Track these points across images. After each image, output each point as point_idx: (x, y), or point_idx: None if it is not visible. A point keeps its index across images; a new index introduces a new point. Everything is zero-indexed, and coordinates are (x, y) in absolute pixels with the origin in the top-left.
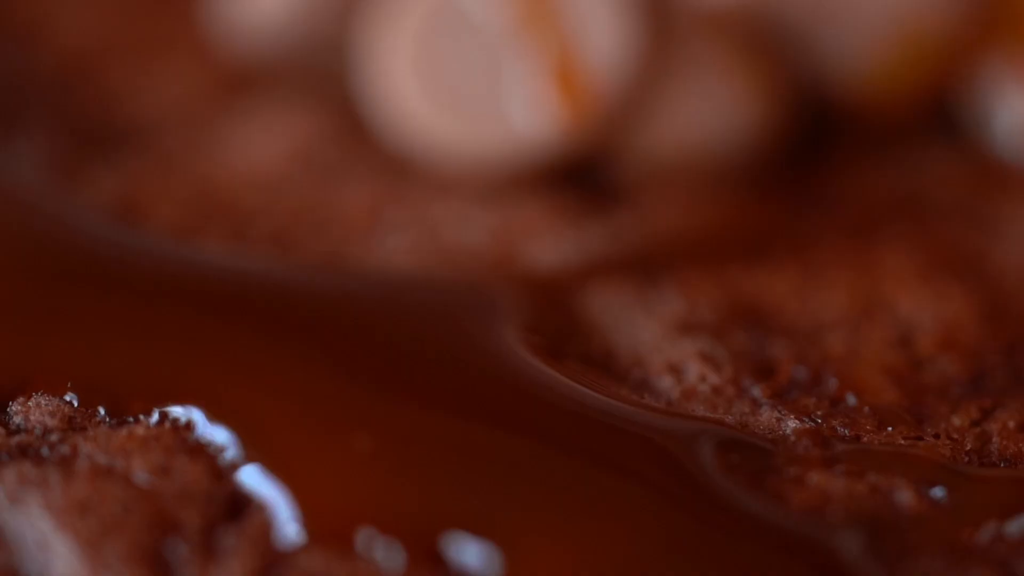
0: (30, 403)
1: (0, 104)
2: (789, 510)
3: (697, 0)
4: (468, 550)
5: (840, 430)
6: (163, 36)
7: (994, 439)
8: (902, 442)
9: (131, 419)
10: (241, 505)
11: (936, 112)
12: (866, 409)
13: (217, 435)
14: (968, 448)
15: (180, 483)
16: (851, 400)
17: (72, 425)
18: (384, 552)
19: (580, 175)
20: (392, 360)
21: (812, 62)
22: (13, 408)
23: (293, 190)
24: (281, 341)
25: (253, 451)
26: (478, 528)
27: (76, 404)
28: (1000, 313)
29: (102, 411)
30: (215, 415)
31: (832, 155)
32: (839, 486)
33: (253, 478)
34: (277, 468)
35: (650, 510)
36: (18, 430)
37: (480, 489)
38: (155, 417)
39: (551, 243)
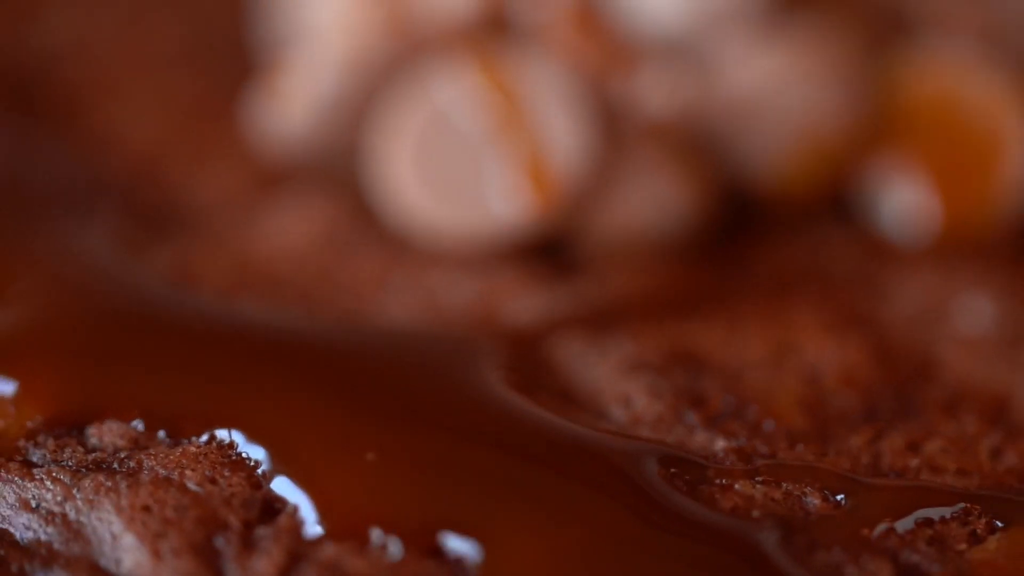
0: (103, 427)
1: (81, 194)
2: (719, 512)
3: (641, 111)
4: (457, 545)
5: (760, 448)
6: (212, 141)
7: (885, 455)
8: (810, 458)
9: (185, 440)
10: (273, 508)
11: (834, 199)
12: (781, 432)
13: (254, 452)
14: (864, 462)
15: (224, 490)
16: (769, 425)
17: (137, 444)
18: (388, 546)
19: (548, 249)
20: (394, 394)
21: (735, 162)
22: (89, 431)
23: (315, 261)
24: (305, 379)
25: (283, 465)
26: (465, 527)
27: (141, 428)
28: (888, 358)
29: (162, 433)
30: (252, 436)
31: (751, 233)
32: (759, 493)
33: (283, 487)
34: (302, 478)
35: (605, 512)
36: (94, 449)
37: (466, 496)
38: (204, 438)
39: (525, 303)
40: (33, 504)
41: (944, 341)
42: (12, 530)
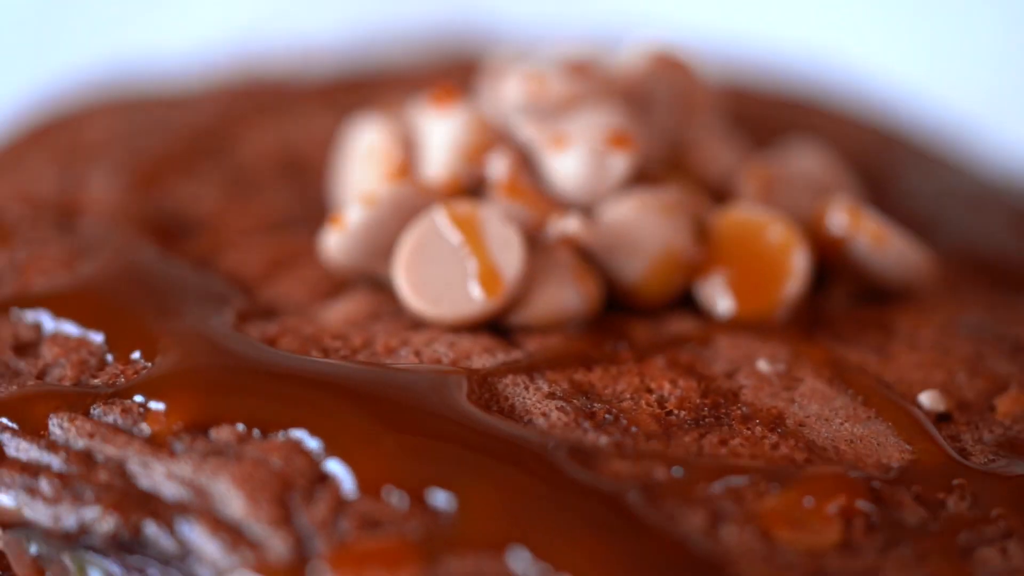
0: (220, 429)
1: (209, 298)
2: (601, 478)
3: (555, 238)
4: (439, 496)
5: (627, 443)
6: (299, 265)
7: (705, 448)
8: (659, 448)
9: (272, 436)
10: (326, 476)
11: (685, 295)
12: (641, 434)
13: (314, 444)
14: (692, 452)
15: (295, 466)
16: (634, 429)
17: (241, 439)
18: (397, 499)
19: (498, 324)
20: (401, 406)
21: (615, 269)
22: (212, 432)
23: (357, 333)
24: (346, 398)
25: (331, 450)
26: (444, 484)
27: (242, 429)
28: (709, 391)
29: (256, 432)
30: (313, 433)
31: (626, 316)
32: (626, 467)
33: (331, 464)
34: (343, 458)
35: (533, 477)
36: (215, 442)
37: (445, 466)
38: (283, 435)
39: (484, 357)
40: (176, 475)
41: (744, 381)
42: (163, 493)
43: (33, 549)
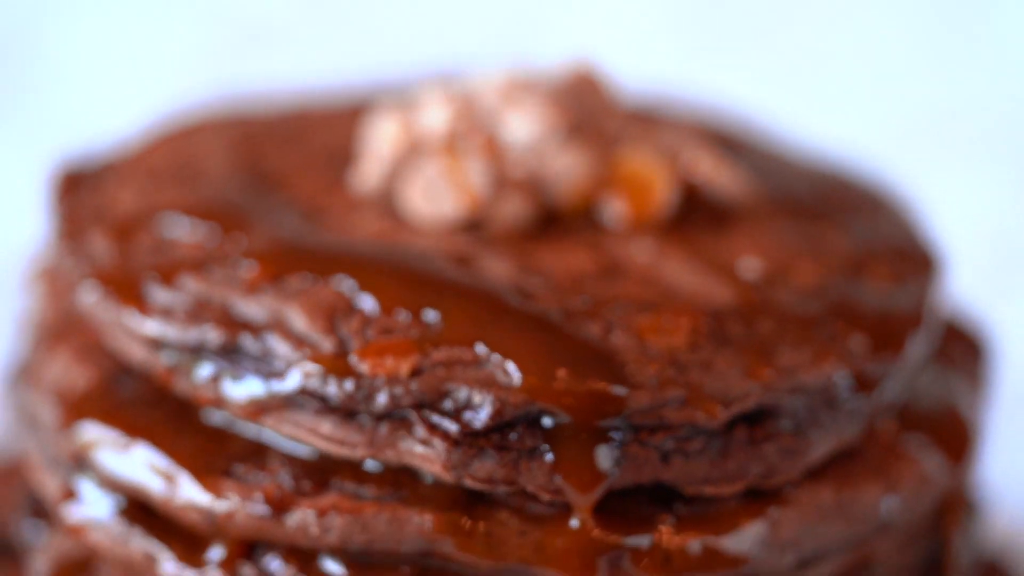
0: (291, 278)
1: (279, 210)
2: (536, 304)
3: (512, 174)
4: (430, 314)
5: (551, 285)
6: (343, 190)
7: (602, 289)
8: (570, 287)
9: (323, 281)
10: (357, 305)
11: (592, 207)
12: (561, 281)
13: (350, 284)
14: (594, 290)
15: (338, 298)
16: (554, 279)
17: (303, 284)
18: (404, 316)
19: (472, 224)
20: (404, 262)
21: (551, 191)
22: (285, 280)
23: (376, 230)
24: (370, 257)
25: (362, 288)
26: (434, 306)
27: (304, 278)
28: (607, 261)
29: (313, 279)
30: (350, 278)
31: (557, 222)
32: (551, 299)
33: (362, 297)
34: (370, 292)
35: (487, 304)
36: (286, 287)
37: (434, 296)
38: (331, 281)
39: (458, 238)
40: (262, 306)
41: (628, 255)
42: (253, 317)
43: (165, 359)
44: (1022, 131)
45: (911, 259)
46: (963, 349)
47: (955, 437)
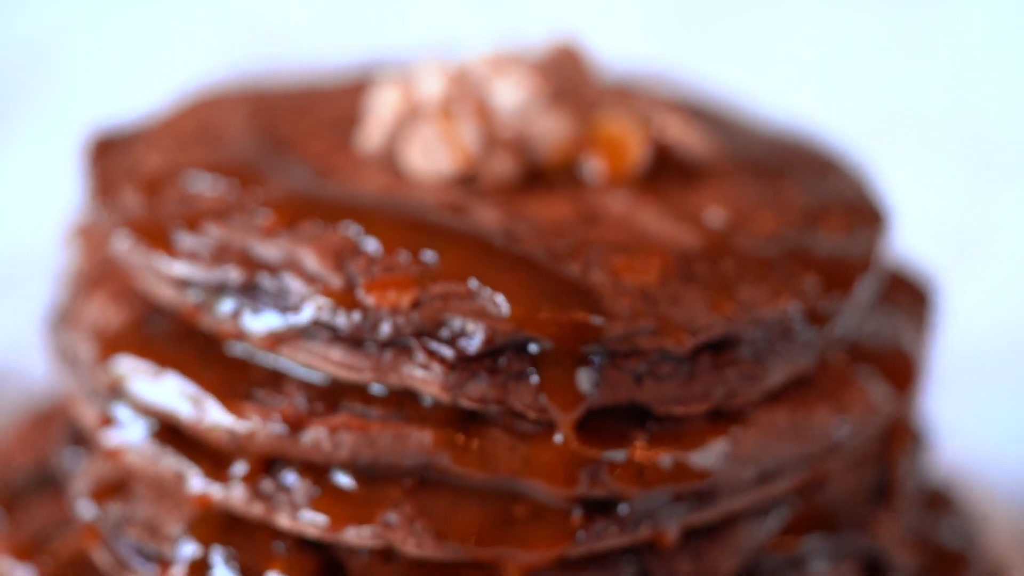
0: (304, 224)
1: (291, 167)
2: (523, 246)
3: (501, 134)
4: (428, 254)
5: (536, 231)
6: (349, 151)
7: (582, 233)
8: (552, 231)
9: (332, 226)
10: (362, 246)
11: (573, 166)
12: (544, 227)
13: (356, 229)
14: (575, 235)
15: (346, 241)
16: (539, 227)
17: (315, 229)
18: (404, 256)
19: (466, 179)
20: (405, 208)
21: (536, 149)
22: (298, 225)
23: (378, 184)
24: (374, 205)
25: (367, 231)
26: (431, 247)
27: (315, 223)
28: (586, 210)
29: (323, 224)
30: (357, 223)
31: (540, 177)
32: (536, 242)
33: (367, 239)
34: (374, 235)
35: (479, 245)
36: (300, 231)
37: (431, 237)
38: (339, 226)
39: (454, 193)
40: (279, 248)
41: (605, 204)
42: (270, 258)
43: (191, 297)
44: (969, 128)
45: (861, 212)
46: (910, 296)
47: (900, 370)
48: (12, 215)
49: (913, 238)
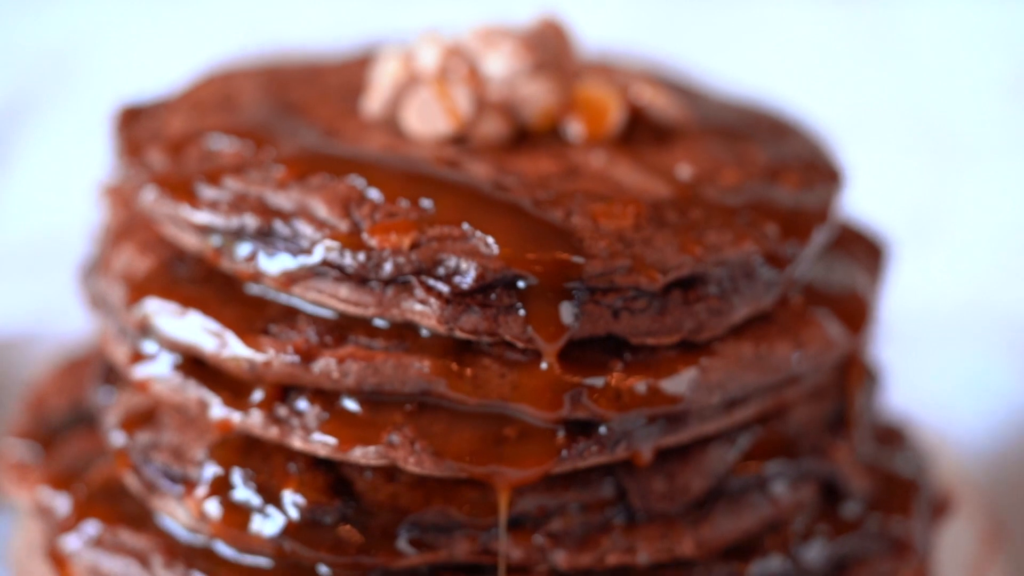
0: (313, 177)
1: (300, 130)
2: (510, 194)
3: (489, 96)
4: (425, 201)
5: (523, 182)
6: (354, 116)
7: (565, 184)
8: (533, 183)
9: (339, 179)
10: (367, 195)
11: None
12: (530, 178)
13: (361, 181)
14: (558, 185)
15: (351, 191)
16: (526, 179)
17: (323, 181)
18: (405, 203)
19: (459, 138)
20: (403, 163)
21: (524, 111)
22: (308, 179)
23: (380, 143)
24: (375, 160)
25: (370, 183)
26: (428, 196)
27: (323, 176)
28: (568, 165)
29: (330, 177)
30: (360, 176)
31: (528, 137)
32: (522, 191)
33: (370, 189)
34: (377, 186)
35: (471, 193)
36: (309, 183)
37: (428, 187)
38: (345, 179)
39: (450, 150)
40: (291, 198)
41: (579, 161)
42: (283, 207)
43: (212, 242)
44: (928, 122)
45: (818, 170)
46: (866, 250)
47: (854, 313)
48: (42, 199)
49: (878, 214)
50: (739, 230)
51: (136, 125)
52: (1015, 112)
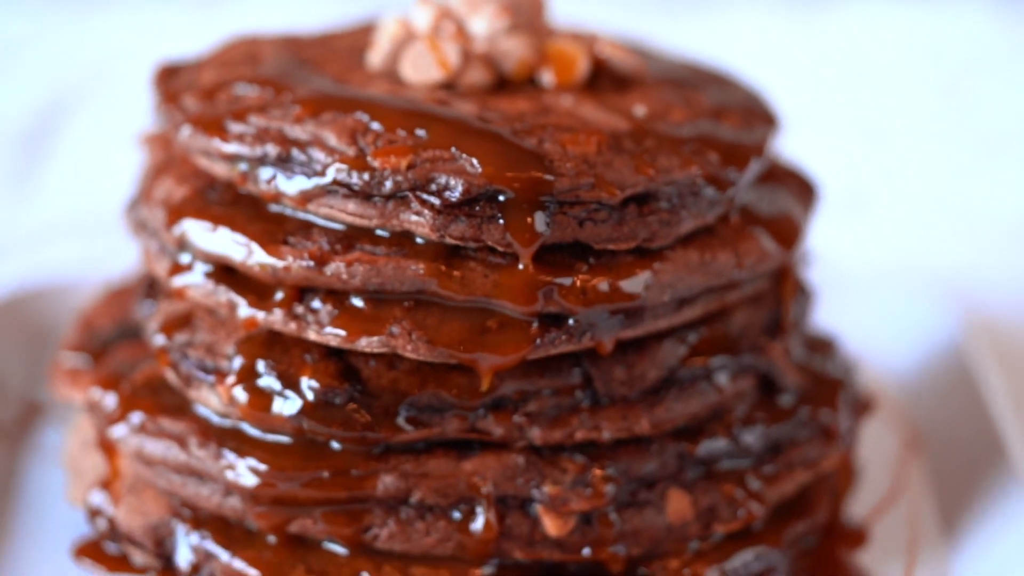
0: (325, 114)
1: (312, 81)
2: (493, 125)
3: (477, 48)
4: (420, 132)
5: (504, 118)
6: (359, 65)
7: (538, 117)
8: (513, 117)
9: (346, 115)
10: (370, 125)
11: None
12: (509, 113)
13: (366, 116)
14: (533, 118)
15: (357, 124)
16: (507, 113)
17: (333, 116)
18: (403, 133)
19: (447, 83)
20: (402, 102)
21: (503, 62)
22: (321, 115)
23: (384, 88)
24: (377, 100)
25: (372, 118)
26: (422, 127)
27: (333, 113)
28: (542, 104)
29: (340, 114)
30: (364, 112)
31: (510, 84)
32: (503, 124)
33: (372, 122)
34: (378, 120)
35: (459, 125)
36: (322, 119)
37: (423, 121)
38: (352, 114)
39: (440, 94)
40: (306, 131)
41: (554, 102)
42: (300, 137)
43: (242, 167)
44: (860, 108)
45: (756, 115)
46: (799, 185)
47: (787, 231)
48: (86, 176)
49: (823, 186)
50: (686, 157)
51: (173, 79)
52: (941, 107)
